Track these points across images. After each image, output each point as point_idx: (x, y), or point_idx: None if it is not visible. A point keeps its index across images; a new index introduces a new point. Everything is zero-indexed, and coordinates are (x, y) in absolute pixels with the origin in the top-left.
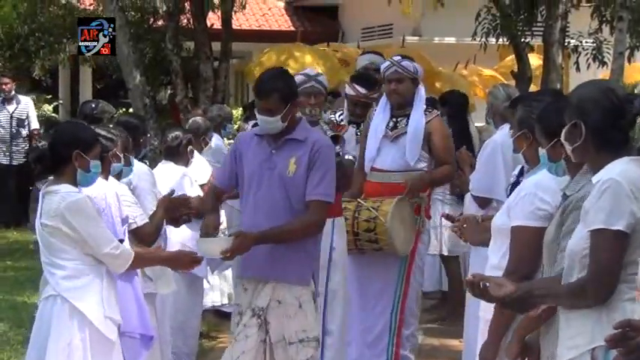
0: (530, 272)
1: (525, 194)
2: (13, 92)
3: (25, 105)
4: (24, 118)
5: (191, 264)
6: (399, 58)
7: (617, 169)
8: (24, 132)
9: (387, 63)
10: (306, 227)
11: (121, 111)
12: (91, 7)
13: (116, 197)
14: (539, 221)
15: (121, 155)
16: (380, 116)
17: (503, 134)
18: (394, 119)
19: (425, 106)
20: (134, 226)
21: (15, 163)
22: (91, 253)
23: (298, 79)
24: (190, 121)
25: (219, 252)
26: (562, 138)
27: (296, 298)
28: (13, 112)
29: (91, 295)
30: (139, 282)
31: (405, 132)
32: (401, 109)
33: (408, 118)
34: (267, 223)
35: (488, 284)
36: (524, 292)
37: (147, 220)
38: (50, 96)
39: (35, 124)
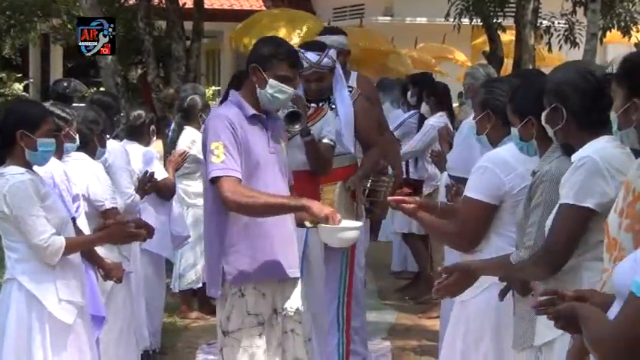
0: (470, 243)
1: (479, 166)
2: None
3: None
4: None
5: (129, 236)
6: (316, 57)
7: (595, 147)
8: None
9: (305, 65)
10: None
11: (91, 90)
12: None
13: (65, 175)
14: (488, 197)
15: (76, 135)
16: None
17: None
18: (312, 104)
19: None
20: (103, 208)
21: None
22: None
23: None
24: (189, 98)
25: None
26: (543, 121)
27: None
28: None
29: (44, 279)
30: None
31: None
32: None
33: (328, 102)
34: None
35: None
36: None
37: (115, 205)
38: (21, 74)
39: None
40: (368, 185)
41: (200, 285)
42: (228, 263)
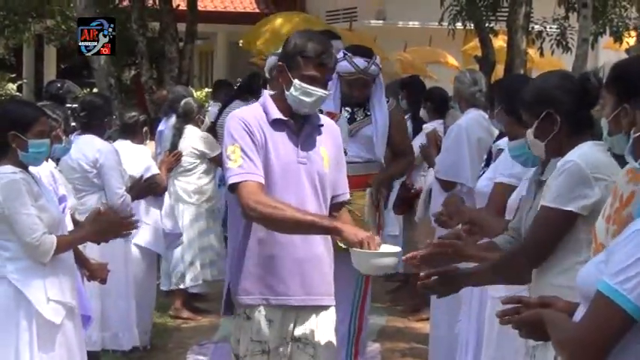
0: None
1: None
2: None
3: None
4: None
5: (118, 227)
6: (364, 63)
7: (579, 151)
8: None
9: (351, 69)
10: None
11: (85, 91)
12: None
13: (52, 176)
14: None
15: (64, 137)
16: (331, 107)
17: (468, 119)
18: (347, 109)
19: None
20: None
21: None
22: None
23: (271, 60)
24: (183, 102)
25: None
26: (532, 135)
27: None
28: None
29: (34, 278)
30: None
31: (367, 124)
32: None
33: (365, 109)
34: None
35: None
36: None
37: None
38: (14, 75)
39: None
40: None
41: (198, 283)
42: (234, 280)
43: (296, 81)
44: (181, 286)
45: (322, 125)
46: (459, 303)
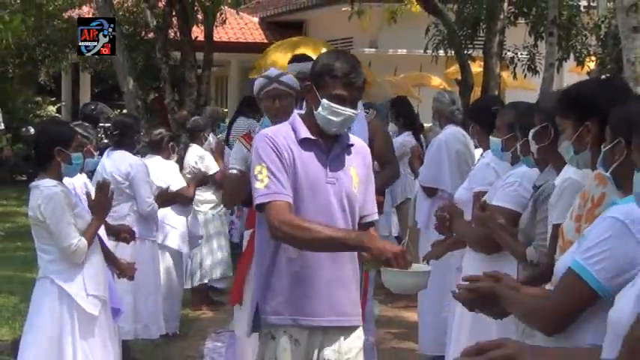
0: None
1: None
2: None
3: None
4: None
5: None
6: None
7: (571, 169)
8: None
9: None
10: None
11: (116, 112)
12: None
13: (85, 186)
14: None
15: (96, 152)
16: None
17: (447, 133)
18: None
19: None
20: None
21: None
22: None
23: (259, 82)
24: (192, 120)
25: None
26: (530, 136)
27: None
28: None
29: (74, 277)
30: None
31: None
32: None
33: None
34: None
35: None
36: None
37: None
38: (54, 98)
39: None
40: None
41: (206, 281)
42: (261, 298)
43: (324, 100)
44: (195, 284)
45: (352, 145)
46: (442, 292)
